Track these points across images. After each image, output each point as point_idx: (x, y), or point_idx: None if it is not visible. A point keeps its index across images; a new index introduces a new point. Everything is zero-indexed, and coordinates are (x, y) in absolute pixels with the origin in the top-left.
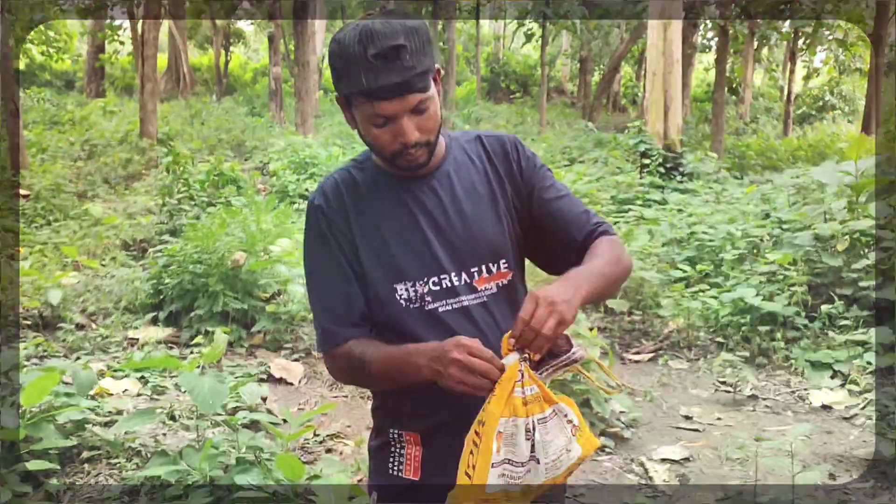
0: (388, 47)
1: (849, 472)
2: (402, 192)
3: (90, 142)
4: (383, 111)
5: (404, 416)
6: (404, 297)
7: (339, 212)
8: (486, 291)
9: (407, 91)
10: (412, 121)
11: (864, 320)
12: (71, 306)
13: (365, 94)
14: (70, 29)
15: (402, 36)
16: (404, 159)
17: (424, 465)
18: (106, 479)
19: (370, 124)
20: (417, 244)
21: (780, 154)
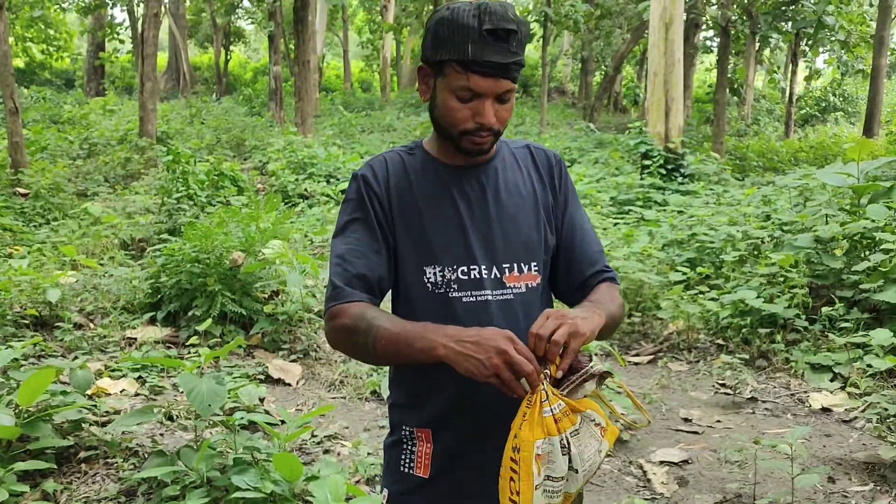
0: (503, 28)
1: (848, 475)
2: (448, 180)
3: (89, 141)
4: (477, 86)
5: (413, 410)
6: (431, 281)
7: (382, 186)
8: (514, 290)
9: (504, 75)
10: (493, 106)
11: (865, 322)
12: (69, 306)
13: (465, 64)
14: (70, 27)
15: (515, 23)
16: (471, 140)
17: (434, 463)
18: (103, 479)
19: (454, 96)
20: (454, 231)
21: (781, 156)
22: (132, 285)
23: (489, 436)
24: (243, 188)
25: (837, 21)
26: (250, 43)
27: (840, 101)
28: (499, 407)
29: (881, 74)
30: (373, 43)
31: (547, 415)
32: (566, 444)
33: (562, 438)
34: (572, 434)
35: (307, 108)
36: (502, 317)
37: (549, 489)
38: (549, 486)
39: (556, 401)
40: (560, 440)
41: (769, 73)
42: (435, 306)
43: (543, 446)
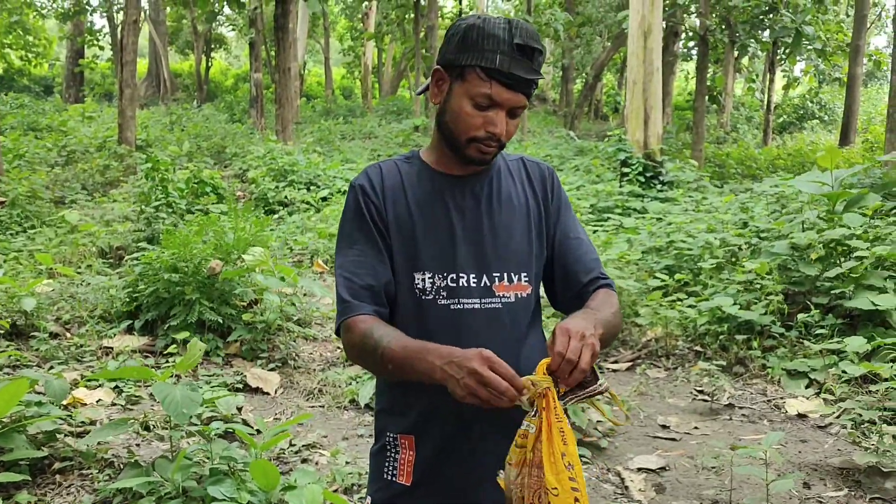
0: (532, 46)
1: (823, 480)
2: (443, 189)
3: (68, 148)
4: (497, 95)
5: (396, 416)
6: (420, 288)
7: (378, 193)
8: (503, 299)
9: (524, 90)
10: (506, 119)
11: (840, 328)
12: (45, 315)
13: (490, 73)
14: (49, 33)
15: (540, 44)
16: (478, 149)
17: (416, 470)
18: (78, 490)
19: (471, 103)
20: (445, 240)
21: (759, 163)
22: (109, 294)
23: (472, 444)
24: (223, 196)
25: (815, 31)
26: (231, 50)
27: (817, 110)
28: (481, 415)
29: (857, 83)
30: (354, 50)
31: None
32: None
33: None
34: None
35: (288, 115)
36: (489, 325)
37: None
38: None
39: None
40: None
41: (748, 82)
42: (423, 312)
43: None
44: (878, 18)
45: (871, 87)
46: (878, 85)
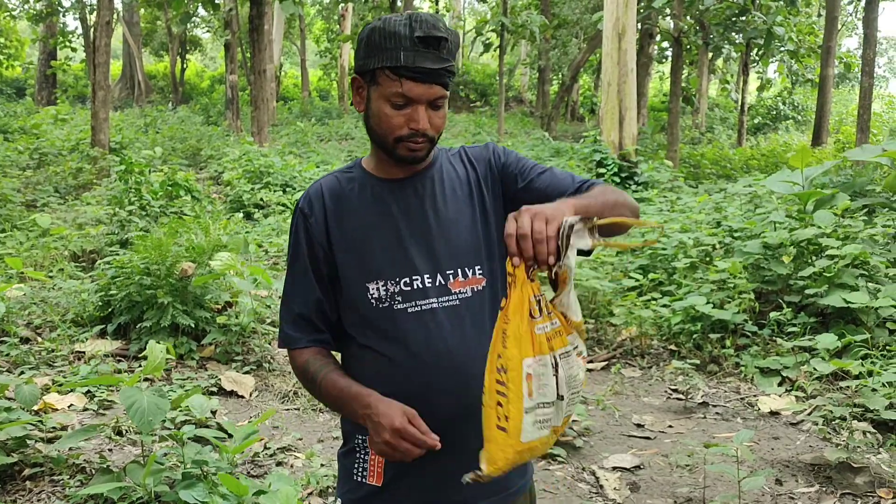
0: (434, 35)
1: (795, 476)
2: (385, 194)
3: (40, 151)
4: (409, 92)
5: None
6: (374, 297)
7: (319, 216)
8: (460, 295)
9: (436, 80)
10: (428, 112)
11: (811, 326)
12: (16, 319)
13: (397, 71)
14: (21, 35)
15: (445, 31)
16: (406, 147)
17: (386, 471)
18: (48, 496)
19: (387, 104)
20: (393, 244)
21: (734, 163)
22: (82, 298)
23: (442, 443)
24: (198, 198)
25: (786, 32)
26: (207, 52)
27: (790, 111)
28: (450, 415)
29: (829, 84)
30: (330, 52)
31: (540, 332)
32: (556, 365)
33: (552, 358)
34: (562, 356)
35: (263, 117)
36: (449, 323)
37: (540, 418)
38: (541, 414)
39: (549, 319)
40: (552, 360)
41: (722, 83)
42: (381, 320)
43: (535, 366)
44: (852, 17)
45: (843, 89)
46: (850, 86)
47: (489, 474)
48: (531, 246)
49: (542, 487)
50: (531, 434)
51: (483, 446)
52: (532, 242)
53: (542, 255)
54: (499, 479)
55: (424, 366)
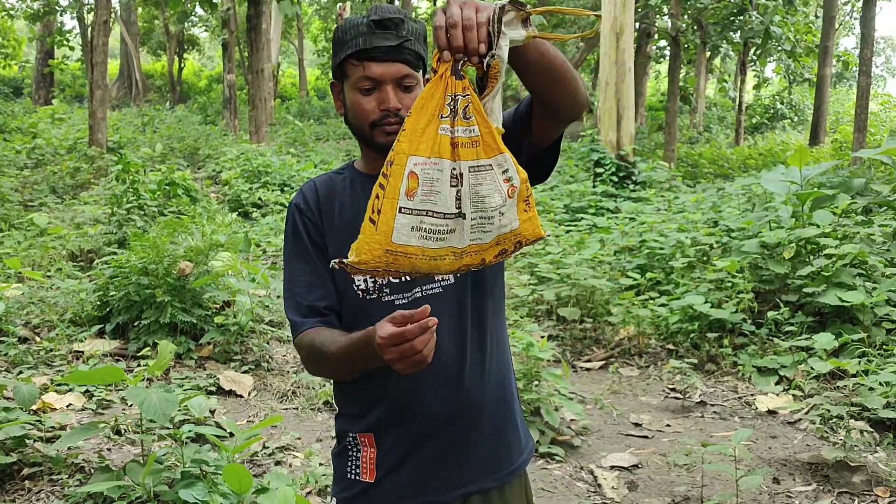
0: (388, 17)
1: (792, 475)
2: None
3: (37, 150)
4: (372, 73)
5: (355, 417)
6: (362, 289)
7: (313, 210)
8: (444, 282)
9: (397, 57)
10: (397, 93)
11: (809, 326)
12: (14, 319)
13: (358, 55)
14: (18, 34)
15: (402, 15)
16: (383, 132)
17: (379, 467)
18: (47, 496)
19: (357, 92)
20: None
21: (731, 162)
22: (80, 297)
23: (432, 436)
24: (196, 198)
25: (784, 31)
26: (204, 51)
27: (787, 110)
28: (439, 405)
29: (826, 84)
30: (328, 51)
31: (445, 133)
32: (458, 176)
33: (454, 167)
34: (472, 169)
35: (261, 116)
36: (434, 311)
37: (425, 228)
38: (428, 223)
39: (466, 123)
40: (452, 168)
41: (719, 82)
42: (369, 311)
43: (425, 167)
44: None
45: (840, 88)
46: (847, 86)
47: (352, 263)
48: (461, 34)
49: (540, 486)
50: (406, 238)
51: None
52: (461, 30)
53: (473, 42)
54: (490, 457)
55: None
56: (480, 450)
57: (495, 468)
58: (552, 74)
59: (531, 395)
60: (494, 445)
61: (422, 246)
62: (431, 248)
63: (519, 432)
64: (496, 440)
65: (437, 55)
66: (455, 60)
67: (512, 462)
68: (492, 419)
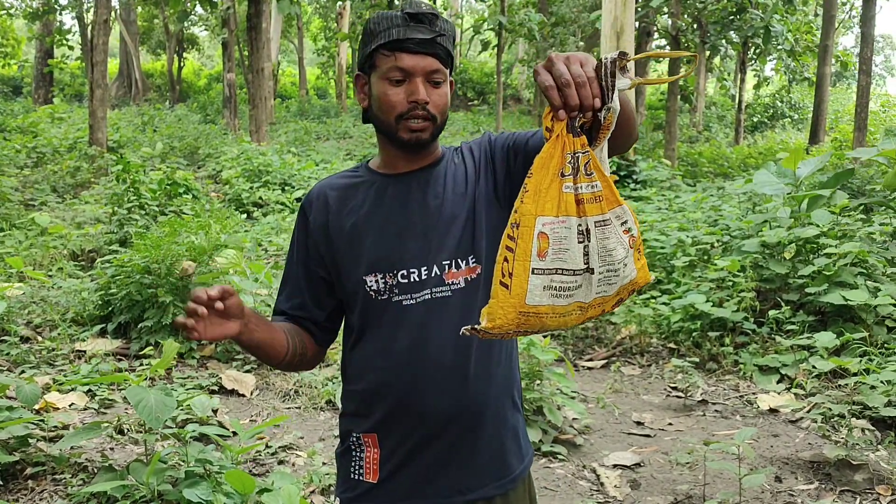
0: (423, 12)
1: (794, 474)
2: (388, 188)
3: (38, 149)
4: (404, 64)
5: (359, 417)
6: (373, 289)
7: (320, 211)
8: (453, 286)
9: (430, 51)
10: (426, 87)
11: (810, 325)
12: (15, 318)
13: (390, 46)
14: (18, 33)
15: (436, 11)
16: (408, 127)
17: (382, 467)
18: (51, 495)
19: (386, 83)
20: (391, 237)
21: (731, 162)
22: (81, 297)
23: (435, 438)
24: (197, 197)
25: (783, 29)
26: (204, 50)
27: (787, 109)
28: (443, 405)
29: (826, 82)
30: (328, 50)
31: (568, 191)
32: (585, 232)
33: (581, 223)
34: (598, 224)
35: (262, 115)
36: (441, 315)
37: (557, 285)
38: (558, 281)
39: (588, 180)
40: (579, 225)
41: (719, 81)
42: (379, 312)
43: (554, 226)
44: (848, 16)
45: (840, 87)
46: (847, 84)
47: (485, 329)
48: (576, 93)
49: (542, 485)
50: (539, 298)
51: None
52: (575, 88)
53: (588, 99)
54: (493, 462)
55: (418, 357)
56: (483, 454)
57: (498, 474)
58: (623, 117)
59: (534, 394)
60: (497, 451)
61: (552, 304)
62: (561, 306)
63: (520, 440)
64: (499, 445)
65: (549, 112)
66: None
67: (514, 469)
68: (495, 424)
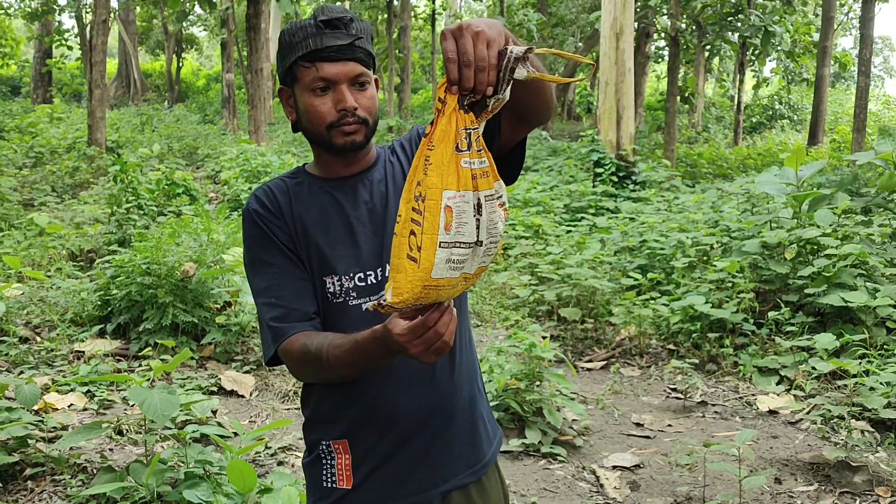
0: (337, 17)
1: (794, 475)
2: (334, 192)
3: (36, 149)
4: (325, 73)
5: (327, 424)
6: (331, 292)
7: (274, 213)
8: None
9: (350, 56)
10: (352, 92)
11: (810, 326)
12: (14, 319)
13: (309, 57)
14: (16, 34)
15: (350, 14)
16: (340, 132)
17: (356, 472)
18: (50, 496)
19: (311, 94)
20: (345, 240)
21: (730, 162)
22: (80, 297)
23: (408, 438)
24: (196, 197)
25: (782, 30)
26: (203, 50)
27: (786, 110)
28: (413, 406)
29: (824, 84)
30: None
31: (466, 166)
32: (479, 206)
33: (476, 198)
34: (487, 199)
35: (260, 115)
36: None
37: (455, 258)
38: (457, 254)
39: (479, 156)
40: (475, 199)
41: (718, 82)
42: (335, 315)
43: (456, 200)
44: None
45: (839, 88)
46: (846, 86)
47: (392, 304)
48: (472, 76)
49: (542, 486)
50: (442, 272)
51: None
52: (474, 71)
53: (483, 85)
54: (465, 453)
55: None
56: (455, 447)
57: (471, 461)
58: (534, 89)
59: (533, 395)
60: (468, 441)
61: (449, 277)
62: (455, 278)
63: (487, 425)
64: (470, 436)
65: (444, 85)
66: (461, 95)
67: (485, 454)
68: (464, 416)
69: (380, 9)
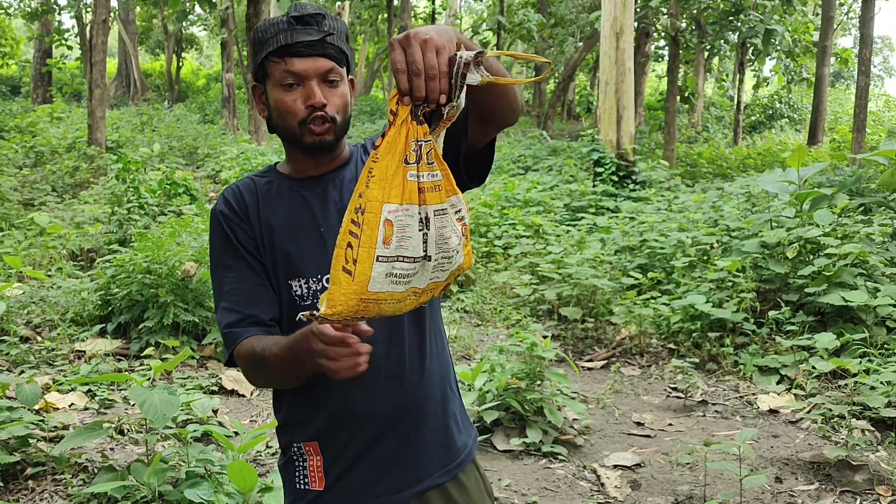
0: (309, 14)
1: (794, 474)
2: (303, 192)
3: (36, 149)
4: (295, 68)
5: (297, 427)
6: (298, 294)
7: (240, 214)
8: None
9: (320, 52)
10: (322, 88)
11: (810, 325)
12: (15, 318)
13: (279, 52)
14: (16, 33)
15: (323, 11)
16: (310, 131)
17: (328, 474)
18: (51, 496)
19: (280, 90)
20: (313, 242)
21: (730, 162)
22: (81, 297)
23: (379, 439)
24: (196, 197)
25: (782, 30)
26: (203, 50)
27: (786, 109)
28: (384, 406)
29: (824, 83)
30: None
31: (412, 179)
32: (426, 220)
33: (423, 212)
34: (437, 213)
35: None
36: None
37: (398, 272)
38: (399, 268)
39: (429, 169)
40: (421, 213)
41: (718, 81)
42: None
43: (398, 214)
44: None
45: (839, 88)
46: (846, 85)
47: (324, 315)
48: (423, 85)
49: (543, 486)
50: (381, 285)
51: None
52: (424, 80)
53: (434, 94)
54: (438, 453)
55: None
56: (429, 446)
57: (445, 462)
58: (496, 92)
59: (534, 394)
60: (441, 442)
61: (391, 291)
62: (399, 292)
63: (460, 424)
64: (442, 436)
65: (395, 96)
66: (414, 105)
67: (459, 453)
68: (436, 417)
69: (380, 7)
